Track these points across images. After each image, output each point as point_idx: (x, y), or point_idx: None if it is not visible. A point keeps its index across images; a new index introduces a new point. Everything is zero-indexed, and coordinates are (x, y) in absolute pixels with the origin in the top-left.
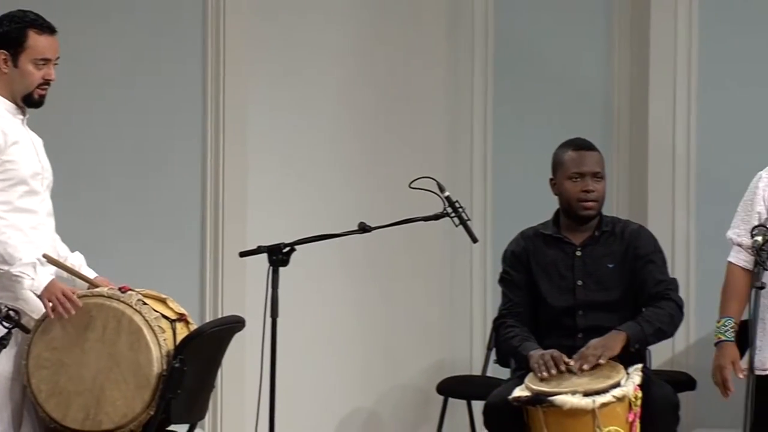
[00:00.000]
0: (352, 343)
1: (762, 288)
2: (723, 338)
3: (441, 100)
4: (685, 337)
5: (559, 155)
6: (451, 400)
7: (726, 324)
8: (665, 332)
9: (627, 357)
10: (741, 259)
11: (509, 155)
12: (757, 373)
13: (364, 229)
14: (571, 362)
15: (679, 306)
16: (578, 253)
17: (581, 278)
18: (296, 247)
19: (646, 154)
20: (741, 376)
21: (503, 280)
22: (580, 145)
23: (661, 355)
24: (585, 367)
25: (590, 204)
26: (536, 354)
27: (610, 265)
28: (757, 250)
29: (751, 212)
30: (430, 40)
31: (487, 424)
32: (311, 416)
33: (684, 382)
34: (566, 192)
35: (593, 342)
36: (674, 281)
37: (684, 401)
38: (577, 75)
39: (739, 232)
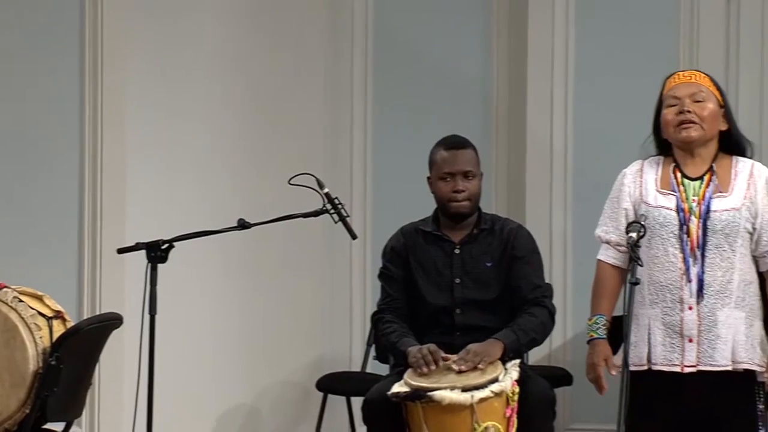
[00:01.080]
0: (232, 339)
1: (637, 284)
2: (595, 336)
3: (321, 97)
4: (562, 333)
5: (433, 154)
6: (330, 396)
7: (598, 321)
8: (537, 341)
9: None
10: (610, 256)
11: (389, 152)
12: (632, 368)
13: (243, 225)
14: (453, 357)
15: (551, 314)
16: (457, 251)
17: (459, 276)
18: (175, 243)
19: (524, 152)
20: (614, 372)
21: (382, 275)
22: (452, 144)
23: (538, 350)
24: (463, 368)
25: (461, 204)
26: (415, 350)
27: (488, 264)
28: (631, 247)
29: (618, 209)
30: (310, 37)
31: (366, 419)
32: (190, 413)
33: (561, 377)
34: (438, 191)
35: (473, 347)
36: (549, 287)
37: (560, 396)
38: (456, 72)
39: (606, 229)
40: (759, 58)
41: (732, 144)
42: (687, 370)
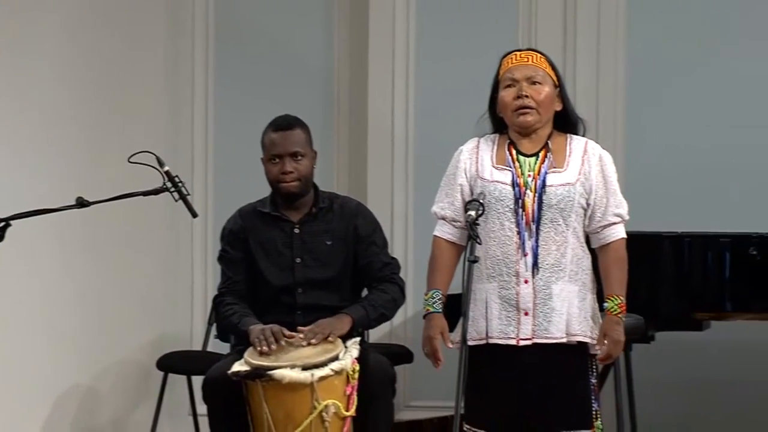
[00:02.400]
0: (70, 319)
1: (475, 261)
2: (431, 310)
3: (161, 74)
4: (403, 311)
5: (263, 136)
6: (171, 375)
7: (434, 296)
8: (387, 317)
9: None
10: (445, 231)
11: (230, 130)
12: (470, 343)
13: (82, 203)
14: (299, 335)
15: (401, 289)
16: (296, 231)
17: (300, 256)
18: (11, 222)
19: (366, 131)
20: (450, 345)
21: (222, 258)
22: (279, 125)
23: (379, 328)
24: (313, 341)
25: (289, 185)
26: (256, 329)
27: (329, 242)
28: (470, 225)
29: (453, 185)
30: (150, 13)
31: (206, 398)
32: (26, 394)
33: (401, 354)
34: (268, 173)
35: (322, 321)
36: (397, 263)
37: (401, 374)
38: (299, 51)
39: (442, 205)
40: (595, 39)
41: (567, 123)
42: (522, 342)
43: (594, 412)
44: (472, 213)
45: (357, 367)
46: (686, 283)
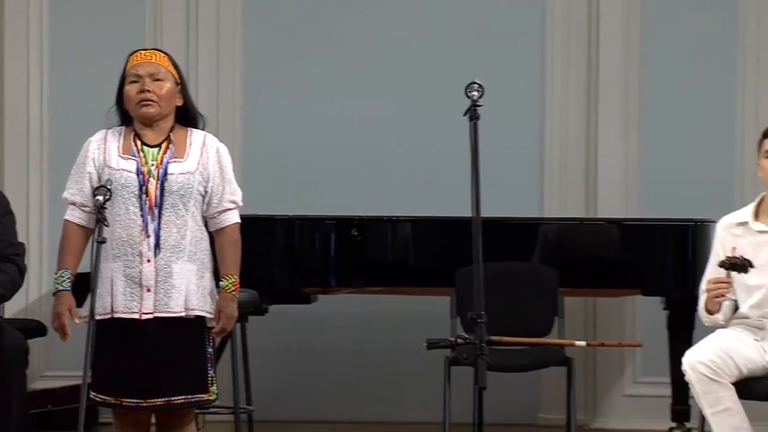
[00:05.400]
0: None
1: (103, 242)
2: (60, 288)
3: None
4: (38, 288)
5: None
6: None
7: (63, 275)
8: (6, 297)
9: None
10: (75, 216)
11: None
12: (97, 318)
13: None
14: None
15: (21, 272)
16: None
17: None
18: None
19: (2, 124)
20: (77, 321)
21: None
22: None
23: (15, 304)
24: None
25: None
26: None
27: None
28: (98, 209)
29: (83, 173)
30: None
31: None
32: None
33: (36, 329)
34: None
35: None
36: (22, 246)
37: (36, 346)
38: None
39: (72, 192)
40: (215, 42)
41: (188, 117)
42: (145, 316)
43: (210, 378)
44: (100, 198)
45: None
46: (296, 261)
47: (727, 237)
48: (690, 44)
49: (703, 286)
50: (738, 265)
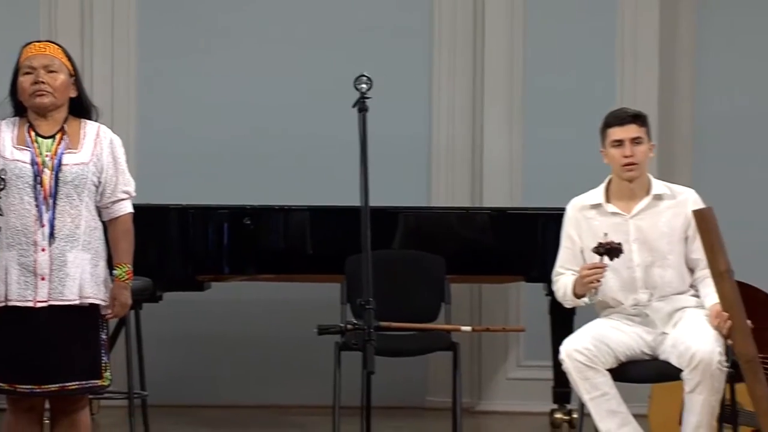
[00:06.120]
0: None
1: None
2: None
3: None
4: None
5: None
6: None
7: None
8: None
9: None
10: None
11: None
12: None
13: None
14: None
15: None
16: None
17: None
18: None
19: None
20: None
21: None
22: None
23: None
24: None
25: None
26: None
27: None
28: None
29: None
30: None
31: None
32: None
33: None
34: None
35: None
36: None
37: None
38: None
39: None
40: (110, 35)
41: (82, 109)
42: (39, 304)
43: (104, 365)
44: None
45: None
46: (190, 249)
47: (581, 219)
48: (571, 39)
49: (560, 269)
50: (611, 250)
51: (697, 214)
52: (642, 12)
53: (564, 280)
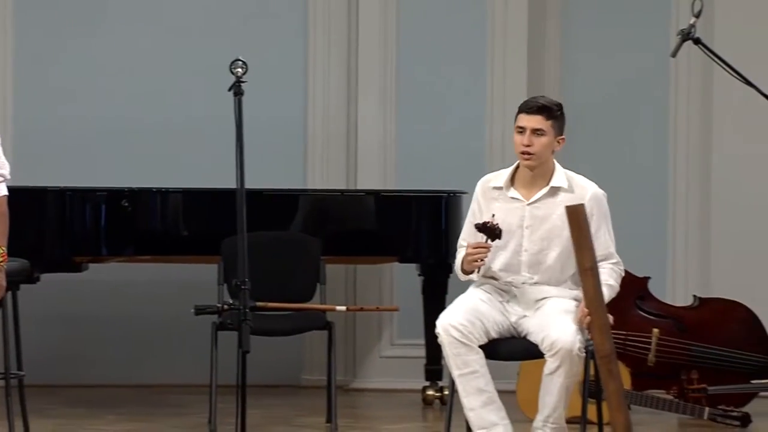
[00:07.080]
0: None
1: None
2: None
3: None
4: None
5: None
6: None
7: None
8: None
9: None
10: None
11: None
12: None
13: None
14: None
15: None
16: None
17: None
18: None
19: None
20: None
21: None
22: None
23: None
24: None
25: None
26: None
27: None
28: None
29: None
30: None
31: None
32: None
33: None
34: None
35: None
36: None
37: None
38: None
39: None
40: None
41: None
42: None
43: None
44: None
45: None
46: (68, 231)
47: (485, 198)
48: (443, 24)
49: (462, 241)
50: (489, 230)
51: (569, 210)
52: (511, 9)
53: (460, 254)
